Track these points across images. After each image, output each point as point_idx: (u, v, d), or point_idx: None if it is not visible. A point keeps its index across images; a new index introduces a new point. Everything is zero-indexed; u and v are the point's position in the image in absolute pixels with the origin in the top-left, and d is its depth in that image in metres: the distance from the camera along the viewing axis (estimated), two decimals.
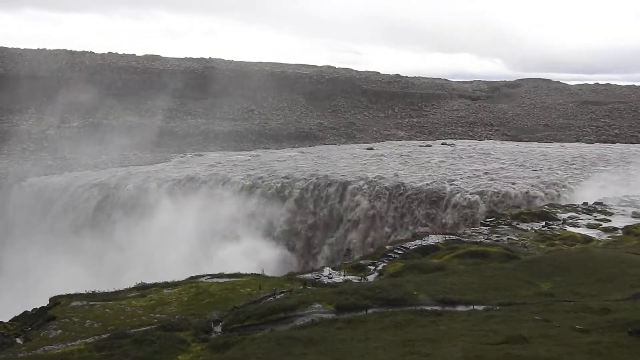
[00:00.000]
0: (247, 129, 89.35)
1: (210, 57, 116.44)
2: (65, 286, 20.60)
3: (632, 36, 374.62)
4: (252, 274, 21.22)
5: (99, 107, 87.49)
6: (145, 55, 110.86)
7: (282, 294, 17.07)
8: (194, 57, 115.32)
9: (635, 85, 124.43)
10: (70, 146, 75.71)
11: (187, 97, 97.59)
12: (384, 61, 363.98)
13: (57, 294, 18.98)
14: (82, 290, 19.28)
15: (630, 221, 32.22)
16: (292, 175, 58.01)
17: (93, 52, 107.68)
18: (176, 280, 20.11)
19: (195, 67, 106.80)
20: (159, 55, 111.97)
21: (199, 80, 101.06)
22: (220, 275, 20.66)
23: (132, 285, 19.88)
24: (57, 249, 51.90)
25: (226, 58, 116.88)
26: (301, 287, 18.34)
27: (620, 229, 29.98)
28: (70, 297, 18.57)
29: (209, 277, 20.52)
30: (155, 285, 19.69)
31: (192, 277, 20.52)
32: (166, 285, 19.69)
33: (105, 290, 19.40)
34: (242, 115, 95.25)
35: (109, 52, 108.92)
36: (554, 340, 10.51)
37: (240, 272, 21.35)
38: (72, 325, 16.03)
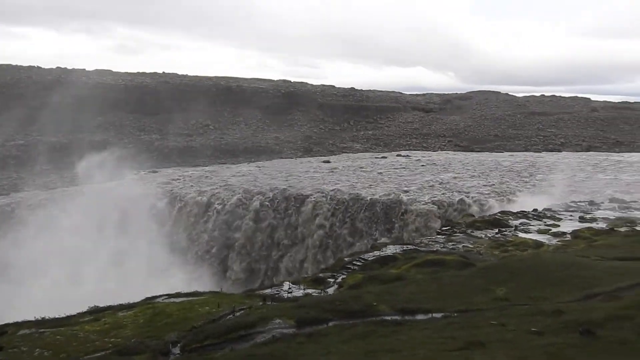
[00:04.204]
0: (203, 144, 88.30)
1: (164, 72, 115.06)
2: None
3: (574, 51, 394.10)
4: (210, 291, 20.83)
5: (46, 124, 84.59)
6: (96, 70, 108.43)
7: (242, 311, 16.79)
8: (147, 72, 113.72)
9: (578, 97, 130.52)
10: (16, 165, 72.88)
11: (140, 112, 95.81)
12: (339, 75, 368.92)
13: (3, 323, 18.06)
14: (30, 317, 18.40)
15: (578, 225, 33.49)
16: (249, 191, 57.60)
17: (41, 67, 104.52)
18: (131, 302, 19.48)
19: (149, 82, 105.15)
20: (111, 70, 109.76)
21: (153, 95, 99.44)
22: (178, 295, 20.15)
23: (84, 310, 19.13)
24: None
25: (180, 73, 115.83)
26: (261, 303, 18.11)
27: (569, 234, 31.09)
28: (18, 325, 17.65)
29: (166, 297, 19.98)
30: (109, 308, 19.00)
31: (148, 298, 19.93)
32: (121, 307, 19.03)
33: (56, 316, 18.58)
34: (197, 130, 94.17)
35: (57, 67, 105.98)
36: (511, 343, 10.74)
37: (199, 290, 20.94)
38: (20, 355, 15.20)
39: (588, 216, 37.18)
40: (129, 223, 54.16)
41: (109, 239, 50.70)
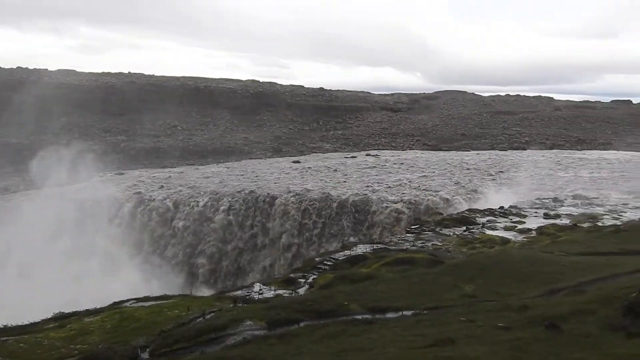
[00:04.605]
0: (171, 145, 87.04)
1: (129, 72, 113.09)
2: None
3: (538, 51, 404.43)
4: (180, 295, 20.57)
5: (8, 125, 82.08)
6: (59, 70, 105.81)
7: (212, 314, 16.61)
8: (113, 72, 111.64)
9: (541, 96, 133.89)
10: None
11: (105, 113, 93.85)
12: (308, 75, 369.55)
13: None
14: None
15: (542, 222, 34.32)
16: (218, 192, 57.06)
17: (1, 67, 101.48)
18: (98, 307, 19.06)
19: (114, 82, 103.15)
20: (75, 70, 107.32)
21: (119, 95, 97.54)
22: (146, 299, 19.82)
23: (49, 316, 18.62)
24: None
25: (147, 73, 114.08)
26: (231, 305, 17.95)
27: (534, 230, 31.83)
28: None
29: (134, 301, 19.63)
30: (75, 314, 18.53)
31: (115, 303, 19.52)
32: (87, 313, 18.59)
33: (20, 323, 18.03)
34: (164, 131, 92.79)
35: (19, 67, 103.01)
36: (479, 339, 10.91)
37: (168, 293, 20.64)
38: None
39: (552, 213, 38.13)
40: (92, 225, 53.07)
41: (69, 241, 49.61)
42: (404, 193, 52.34)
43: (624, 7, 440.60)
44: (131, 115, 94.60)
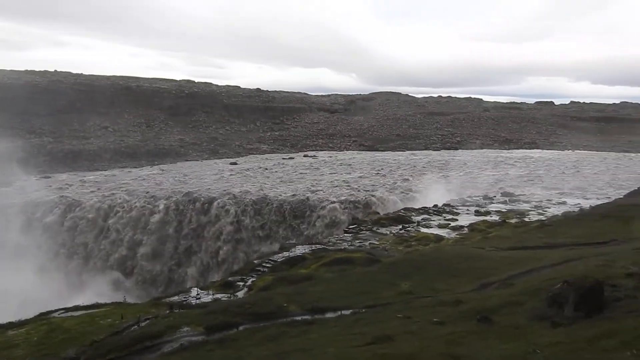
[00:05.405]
0: (101, 147, 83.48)
1: (55, 70, 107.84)
2: None
3: (468, 54, 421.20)
4: (112, 303, 19.72)
5: None
6: None
7: (147, 321, 16.07)
8: (37, 70, 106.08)
9: (472, 97, 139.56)
10: None
11: (29, 113, 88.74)
12: (245, 75, 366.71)
13: None
14: None
15: (474, 219, 35.73)
16: (153, 195, 55.37)
17: None
18: (23, 319, 17.98)
19: (39, 80, 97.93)
20: None
21: (44, 95, 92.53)
22: (76, 308, 18.88)
23: None
24: None
25: (74, 72, 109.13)
26: (168, 312, 17.44)
27: (466, 227, 33.07)
28: None
29: (63, 311, 18.66)
30: None
31: (42, 314, 18.48)
32: (11, 325, 17.48)
33: None
34: (94, 132, 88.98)
35: None
36: (416, 335, 11.17)
37: (99, 302, 19.76)
38: None
39: (483, 210, 39.75)
40: (16, 232, 50.21)
41: None
42: (341, 193, 52.89)
43: (545, 13, 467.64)
44: (58, 115, 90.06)
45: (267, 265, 24.72)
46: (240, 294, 20.61)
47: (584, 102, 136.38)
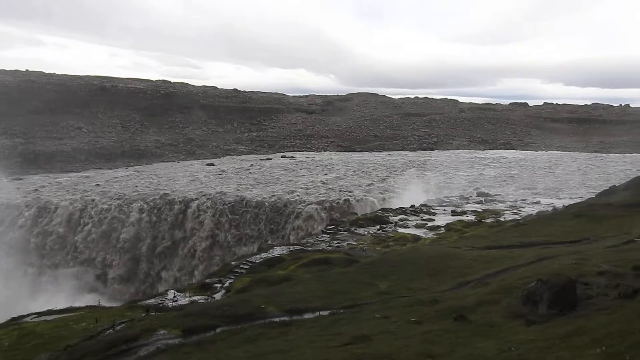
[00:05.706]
0: (75, 149, 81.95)
1: (27, 70, 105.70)
2: None
3: (444, 56, 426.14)
4: (87, 306, 19.42)
5: None
6: None
7: (123, 325, 15.85)
8: (7, 69, 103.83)
9: (447, 98, 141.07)
10: None
11: None
12: (221, 76, 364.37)
13: None
14: None
15: (450, 219, 36.11)
16: (128, 197, 54.60)
17: None
18: None
19: (10, 80, 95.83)
20: None
21: (15, 95, 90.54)
22: (49, 313, 18.53)
23: None
24: None
25: (47, 71, 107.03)
26: (144, 315, 17.22)
27: (443, 227, 33.40)
28: None
29: (35, 315, 18.29)
30: None
31: (13, 318, 18.09)
32: None
33: None
34: (68, 133, 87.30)
35: None
36: (393, 334, 11.24)
37: (73, 305, 19.43)
38: None
39: (459, 210, 40.21)
40: None
41: None
42: (319, 194, 52.92)
43: (520, 15, 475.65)
44: (30, 116, 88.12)
45: (245, 266, 24.59)
46: (217, 296, 20.46)
47: (556, 104, 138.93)
